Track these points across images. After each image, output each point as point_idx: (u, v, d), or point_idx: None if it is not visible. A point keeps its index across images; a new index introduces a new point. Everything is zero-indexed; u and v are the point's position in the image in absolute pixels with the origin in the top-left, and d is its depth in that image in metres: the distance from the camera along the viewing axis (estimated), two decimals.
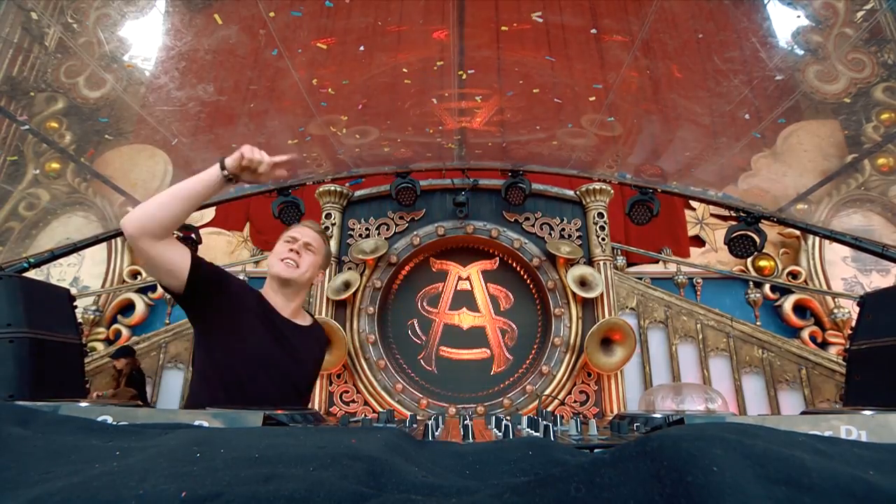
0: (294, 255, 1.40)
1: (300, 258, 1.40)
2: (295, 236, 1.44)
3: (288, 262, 1.39)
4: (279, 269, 1.38)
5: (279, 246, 1.43)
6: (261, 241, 4.32)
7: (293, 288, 1.41)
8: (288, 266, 1.38)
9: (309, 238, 1.44)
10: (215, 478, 0.29)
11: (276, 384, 1.29)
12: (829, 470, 0.24)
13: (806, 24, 1.54)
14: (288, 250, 1.40)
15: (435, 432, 0.62)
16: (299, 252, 1.41)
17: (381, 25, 1.74)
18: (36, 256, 1.94)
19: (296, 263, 1.39)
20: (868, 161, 1.85)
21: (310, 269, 1.43)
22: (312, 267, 1.44)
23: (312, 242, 1.44)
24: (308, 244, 1.43)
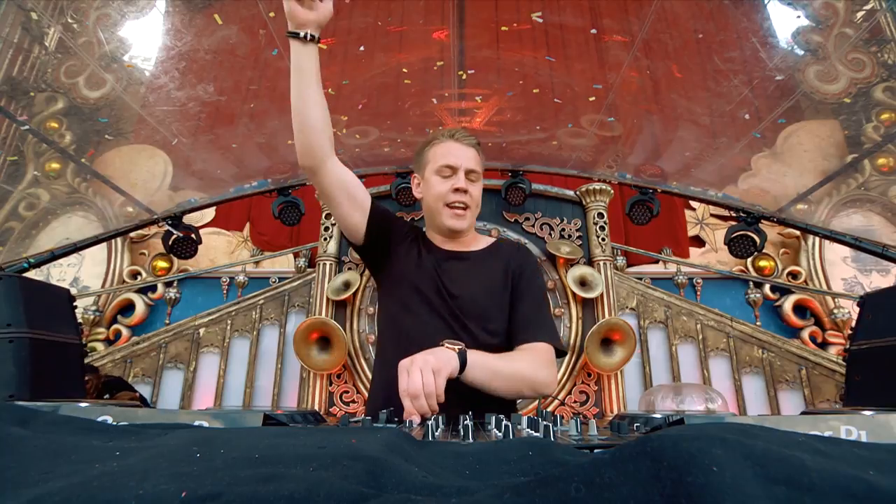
0: (461, 197, 1.19)
1: (468, 197, 1.20)
2: (452, 164, 1.20)
3: (457, 208, 1.19)
4: (450, 223, 1.20)
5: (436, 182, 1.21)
6: (261, 241, 4.31)
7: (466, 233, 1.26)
8: (458, 217, 1.20)
9: (470, 163, 1.22)
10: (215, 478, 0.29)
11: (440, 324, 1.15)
12: (830, 470, 0.24)
13: (806, 24, 1.55)
14: (453, 191, 1.20)
15: (435, 433, 0.62)
16: (466, 189, 1.20)
17: (382, 25, 1.75)
18: (36, 256, 1.94)
19: (464, 205, 1.20)
20: (868, 161, 1.85)
21: (478, 204, 1.25)
22: (480, 198, 1.25)
23: (475, 167, 1.23)
24: (470, 171, 1.22)
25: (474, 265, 1.25)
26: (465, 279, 1.21)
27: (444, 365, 0.90)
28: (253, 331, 3.49)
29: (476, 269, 1.24)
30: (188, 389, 3.37)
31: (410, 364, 0.89)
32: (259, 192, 2.67)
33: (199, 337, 3.47)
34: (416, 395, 0.85)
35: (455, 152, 1.24)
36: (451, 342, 0.99)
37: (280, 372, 3.43)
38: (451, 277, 1.21)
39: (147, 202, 2.30)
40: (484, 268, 1.25)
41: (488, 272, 1.24)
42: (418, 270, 1.22)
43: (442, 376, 0.89)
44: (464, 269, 1.23)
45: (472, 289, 1.21)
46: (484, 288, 1.21)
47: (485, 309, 1.19)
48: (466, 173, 1.22)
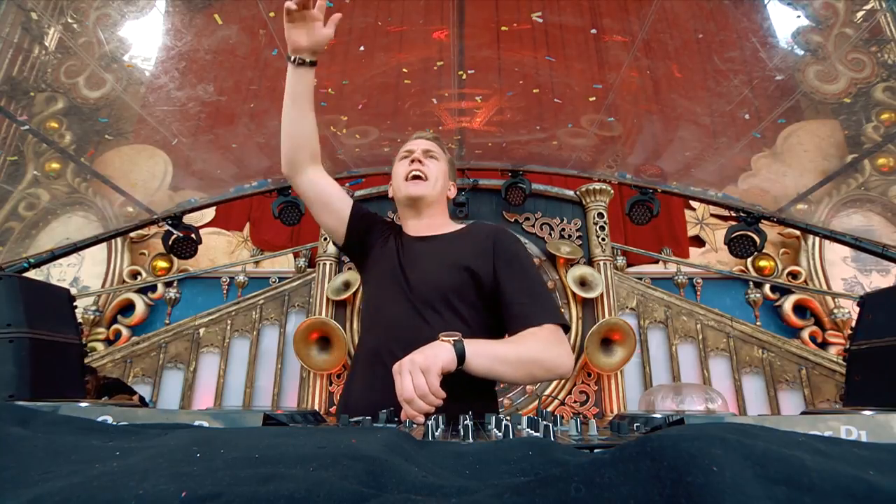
0: (418, 167, 1.25)
1: (425, 167, 1.26)
2: (410, 149, 1.29)
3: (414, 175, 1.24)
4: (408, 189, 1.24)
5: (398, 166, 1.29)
6: (261, 241, 4.31)
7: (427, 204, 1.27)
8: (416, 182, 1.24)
9: (426, 145, 1.29)
10: (215, 478, 0.29)
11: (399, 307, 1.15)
12: (830, 470, 0.24)
13: (806, 24, 1.55)
14: (409, 164, 1.26)
15: (435, 432, 0.62)
16: (422, 161, 1.26)
17: (382, 26, 1.75)
18: (36, 256, 1.94)
19: (423, 175, 1.25)
20: (868, 161, 1.85)
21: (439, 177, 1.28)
22: (441, 174, 1.29)
23: (431, 149, 1.30)
24: (427, 151, 1.29)
25: (439, 246, 1.23)
26: (424, 261, 1.19)
27: (432, 362, 0.88)
28: (253, 331, 3.49)
29: (439, 250, 1.22)
30: (188, 389, 3.37)
31: (400, 368, 0.89)
32: (259, 192, 2.67)
33: (199, 337, 3.47)
34: (410, 398, 0.85)
35: (413, 142, 1.34)
36: (447, 334, 0.97)
37: (280, 372, 3.43)
38: (410, 260, 1.20)
39: (147, 202, 2.30)
40: (449, 248, 1.22)
41: (453, 253, 1.20)
42: (383, 258, 1.24)
43: (432, 374, 0.87)
44: (425, 251, 1.22)
45: (430, 270, 1.17)
46: (446, 269, 1.17)
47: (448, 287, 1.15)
48: (423, 152, 1.29)
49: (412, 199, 1.26)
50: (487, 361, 0.99)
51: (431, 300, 1.14)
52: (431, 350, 0.92)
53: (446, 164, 1.33)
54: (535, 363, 1.05)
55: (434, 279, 1.15)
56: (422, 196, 1.25)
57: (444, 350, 0.93)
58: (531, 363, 1.05)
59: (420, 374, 0.87)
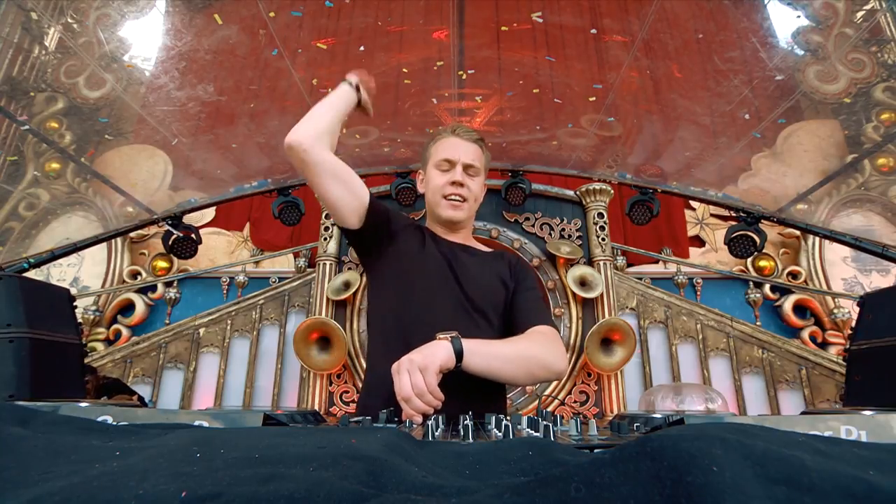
0: (457, 190, 1.21)
1: (465, 190, 1.22)
2: (450, 158, 1.22)
3: (454, 200, 1.22)
4: (447, 213, 1.23)
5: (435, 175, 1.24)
6: (261, 241, 4.32)
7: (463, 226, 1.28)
8: (455, 207, 1.22)
9: (468, 157, 1.23)
10: (215, 478, 0.29)
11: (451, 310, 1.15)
12: (830, 470, 0.24)
13: (806, 24, 1.55)
14: (450, 184, 1.21)
15: (435, 432, 0.62)
16: (462, 182, 1.22)
17: (382, 25, 1.75)
18: (36, 256, 1.94)
19: (461, 198, 1.22)
20: (868, 161, 1.85)
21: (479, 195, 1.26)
22: (481, 191, 1.27)
23: (474, 162, 1.25)
24: (469, 166, 1.24)
25: (483, 262, 1.28)
26: (477, 271, 1.23)
27: (430, 361, 0.89)
28: (253, 331, 3.49)
29: (485, 265, 1.26)
30: (188, 389, 3.37)
31: (398, 367, 0.89)
32: (259, 192, 2.67)
33: (199, 337, 3.47)
34: (408, 397, 0.85)
35: (455, 147, 1.26)
36: (444, 333, 0.97)
37: (280, 372, 3.43)
38: (462, 268, 1.22)
39: (147, 202, 2.30)
40: (492, 266, 1.27)
41: (495, 271, 1.26)
42: (426, 257, 1.21)
43: (430, 372, 0.87)
44: (475, 263, 1.25)
45: (484, 281, 1.22)
46: (497, 284, 1.24)
47: (497, 305, 1.22)
48: (465, 167, 1.24)
49: (451, 222, 1.26)
50: (485, 359, 0.99)
51: (483, 307, 1.18)
52: (429, 349, 0.92)
53: (484, 174, 1.32)
54: (533, 360, 1.06)
55: (486, 291, 1.21)
56: (461, 220, 1.27)
57: (441, 348, 0.93)
58: (529, 360, 1.06)
59: (418, 373, 0.87)
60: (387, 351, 1.13)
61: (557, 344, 1.13)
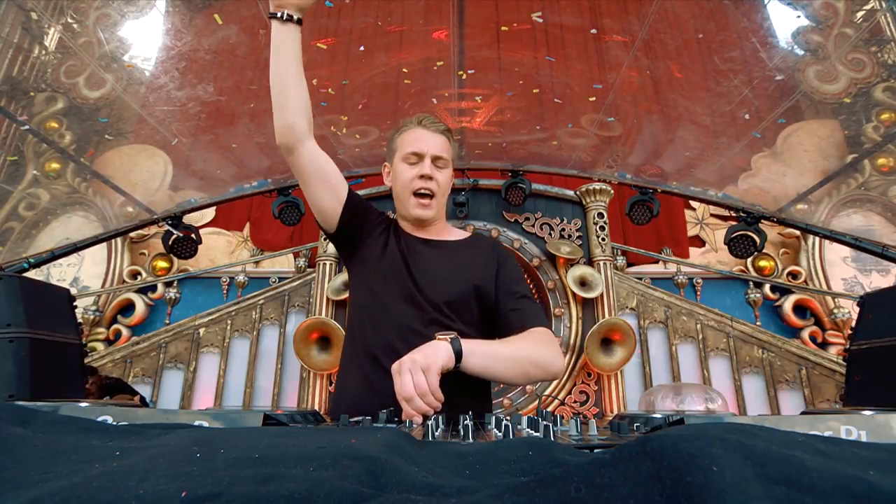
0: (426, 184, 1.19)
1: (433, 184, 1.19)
2: (418, 151, 1.19)
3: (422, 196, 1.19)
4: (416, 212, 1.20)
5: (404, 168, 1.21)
6: (261, 241, 4.32)
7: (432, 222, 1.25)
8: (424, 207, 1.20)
9: (436, 149, 1.20)
10: (215, 478, 0.29)
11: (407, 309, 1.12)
12: (830, 470, 0.24)
13: (806, 24, 1.55)
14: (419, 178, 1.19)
15: (435, 432, 0.62)
16: (431, 176, 1.19)
17: (382, 25, 1.75)
18: (36, 256, 1.94)
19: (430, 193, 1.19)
20: (868, 161, 1.85)
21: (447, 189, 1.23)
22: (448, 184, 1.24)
23: (442, 153, 1.21)
24: (437, 157, 1.20)
25: (448, 253, 1.23)
26: (435, 266, 1.19)
27: (432, 361, 0.88)
28: (253, 331, 3.49)
29: (449, 257, 1.22)
30: (188, 389, 3.37)
31: (399, 367, 0.88)
32: (259, 192, 2.67)
33: (199, 337, 3.47)
34: (410, 397, 0.85)
35: (422, 139, 1.22)
36: (443, 333, 0.97)
37: (280, 372, 3.43)
38: (418, 263, 1.19)
39: (147, 202, 2.30)
40: (458, 257, 1.23)
41: (463, 261, 1.21)
42: (385, 256, 1.20)
43: (432, 373, 0.87)
44: (434, 256, 1.21)
45: (442, 275, 1.18)
46: (458, 275, 1.18)
47: (458, 297, 1.16)
48: (433, 160, 1.20)
49: (420, 220, 1.24)
50: (483, 360, 0.99)
51: (440, 307, 1.14)
52: (431, 349, 0.92)
53: (452, 166, 1.28)
54: (530, 361, 1.06)
55: (445, 288, 1.16)
56: (430, 218, 1.24)
57: (442, 349, 0.93)
58: (525, 361, 1.06)
59: (420, 373, 0.86)
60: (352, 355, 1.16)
61: (553, 345, 1.13)
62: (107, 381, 3.09)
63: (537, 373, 1.08)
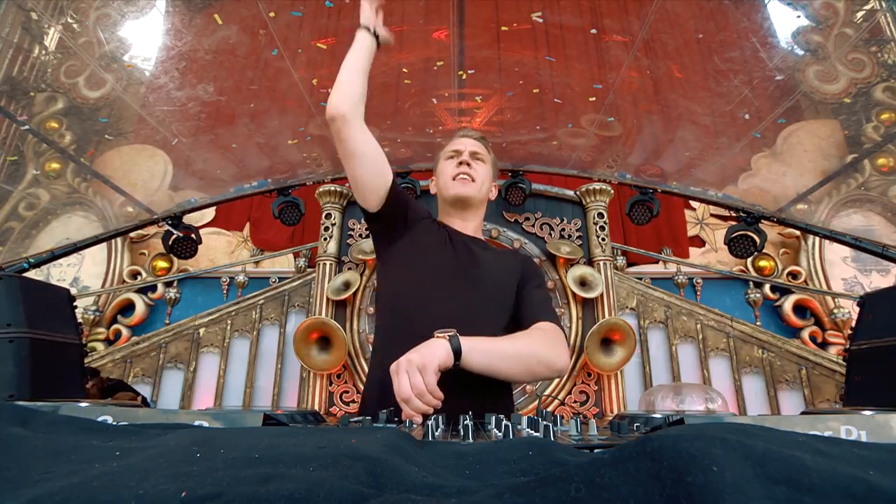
0: (466, 169, 1.26)
1: (472, 170, 1.27)
2: (458, 149, 1.30)
3: (462, 177, 1.25)
4: (457, 189, 1.25)
5: (445, 165, 1.30)
6: (261, 241, 4.32)
7: (473, 207, 1.29)
8: (464, 182, 1.25)
9: (473, 146, 1.30)
10: (215, 478, 0.29)
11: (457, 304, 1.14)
12: (830, 470, 0.24)
13: (806, 25, 1.54)
14: (457, 165, 1.27)
15: (435, 432, 0.62)
16: (469, 163, 1.27)
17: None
18: (36, 256, 1.94)
19: (471, 177, 1.26)
20: (868, 161, 1.85)
21: (486, 180, 1.30)
22: (488, 178, 1.31)
23: (479, 150, 1.31)
24: (475, 153, 1.30)
25: (497, 258, 1.29)
26: (491, 268, 1.24)
27: (429, 360, 0.87)
28: (253, 331, 3.50)
29: (499, 262, 1.28)
30: (188, 389, 3.37)
31: (397, 367, 0.88)
32: (259, 192, 2.67)
33: (199, 337, 3.47)
34: (407, 398, 0.84)
35: (460, 141, 1.35)
36: (442, 331, 0.96)
37: (280, 372, 3.43)
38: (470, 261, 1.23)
39: (147, 202, 2.30)
40: (507, 263, 1.29)
41: (507, 268, 1.27)
42: (433, 246, 1.23)
43: (429, 372, 0.86)
44: (489, 259, 1.26)
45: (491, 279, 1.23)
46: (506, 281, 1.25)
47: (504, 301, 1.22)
48: (471, 154, 1.30)
49: (460, 199, 1.27)
50: (485, 357, 0.98)
51: (488, 305, 1.18)
52: (427, 348, 0.92)
53: (491, 167, 1.35)
54: (533, 357, 1.06)
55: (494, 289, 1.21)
56: (470, 196, 1.27)
57: (439, 347, 0.93)
58: (529, 357, 1.05)
59: (417, 373, 0.86)
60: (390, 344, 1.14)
61: (560, 341, 1.12)
62: (108, 383, 3.09)
63: (542, 370, 1.08)
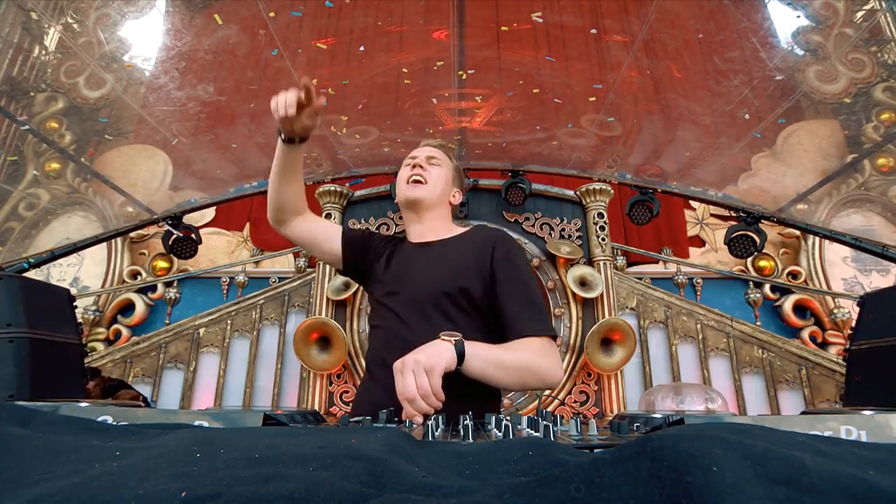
0: (419, 171, 1.30)
1: (425, 171, 1.31)
2: (414, 155, 1.35)
3: (415, 179, 1.29)
4: (406, 192, 1.29)
5: (402, 172, 1.35)
6: (261, 241, 4.31)
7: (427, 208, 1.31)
8: (415, 186, 1.29)
9: (430, 152, 1.35)
10: (215, 478, 0.29)
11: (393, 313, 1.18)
12: (830, 470, 0.24)
13: (806, 24, 1.54)
14: (410, 169, 1.31)
15: (435, 432, 0.62)
16: (423, 166, 1.31)
17: (382, 25, 1.74)
18: (36, 256, 1.94)
19: (423, 179, 1.29)
20: (868, 161, 1.85)
21: (439, 182, 1.32)
22: (441, 180, 1.33)
23: (435, 155, 1.35)
24: (431, 157, 1.34)
25: (437, 251, 1.24)
26: (422, 266, 1.21)
27: (435, 362, 0.88)
28: (253, 331, 3.49)
29: (438, 255, 1.23)
30: (188, 389, 3.37)
31: (402, 366, 0.87)
32: (259, 192, 2.67)
33: (199, 337, 3.47)
34: (412, 397, 0.84)
35: (419, 149, 1.40)
36: (447, 334, 0.97)
37: (280, 372, 3.43)
38: (408, 266, 1.24)
39: (147, 202, 2.30)
40: (448, 252, 1.23)
41: (452, 257, 1.21)
42: (386, 270, 1.30)
43: (435, 374, 0.86)
44: (423, 256, 1.24)
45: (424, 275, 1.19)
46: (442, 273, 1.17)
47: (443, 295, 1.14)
48: (426, 158, 1.35)
49: (410, 202, 1.31)
50: (484, 365, 0.99)
51: (423, 304, 1.15)
52: (434, 349, 0.92)
53: (450, 171, 1.37)
54: (529, 371, 1.07)
55: (427, 284, 1.17)
56: (419, 199, 1.29)
57: (446, 350, 0.93)
58: (525, 370, 1.06)
59: (423, 374, 0.86)
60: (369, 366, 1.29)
61: (554, 355, 1.13)
62: (110, 383, 3.09)
63: (535, 382, 1.09)
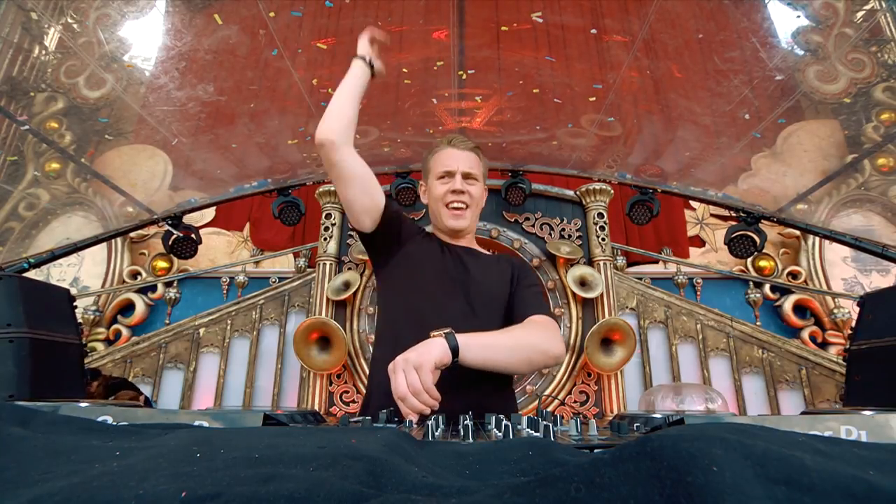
0: (458, 198, 1.27)
1: (466, 196, 1.28)
2: (449, 169, 1.28)
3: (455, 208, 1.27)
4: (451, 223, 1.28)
5: (437, 185, 1.30)
6: (261, 241, 4.32)
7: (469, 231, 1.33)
8: (457, 217, 1.27)
9: (466, 165, 1.29)
10: (215, 478, 0.29)
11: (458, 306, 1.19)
12: (830, 470, 0.24)
13: (806, 24, 1.54)
14: (451, 192, 1.27)
15: (435, 432, 0.62)
16: (463, 190, 1.27)
17: (382, 26, 1.74)
18: (36, 256, 1.94)
19: (465, 205, 1.28)
20: (868, 161, 1.85)
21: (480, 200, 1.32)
22: (481, 197, 1.33)
23: (472, 170, 1.30)
24: (468, 174, 1.29)
25: (488, 264, 1.33)
26: (482, 274, 1.28)
27: (425, 359, 0.88)
28: (253, 331, 3.49)
29: (490, 268, 1.31)
30: (188, 389, 3.37)
31: (394, 366, 0.89)
32: (259, 192, 2.67)
33: (199, 337, 3.47)
34: (404, 396, 0.85)
35: (452, 157, 1.32)
36: (437, 330, 0.97)
37: (280, 372, 3.43)
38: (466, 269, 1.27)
39: (147, 202, 2.30)
40: (496, 268, 1.32)
41: (499, 273, 1.31)
42: (434, 262, 1.27)
43: (425, 371, 0.87)
44: (479, 266, 1.30)
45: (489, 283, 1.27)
46: (497, 287, 1.28)
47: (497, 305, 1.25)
48: (463, 176, 1.30)
49: (455, 231, 1.31)
50: (483, 351, 0.99)
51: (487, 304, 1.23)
52: (423, 347, 0.93)
53: (483, 182, 1.37)
54: (530, 346, 1.08)
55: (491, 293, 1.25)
56: (464, 228, 1.31)
57: (435, 345, 0.93)
58: (526, 346, 1.07)
59: (413, 372, 0.87)
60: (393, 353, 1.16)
61: (553, 329, 1.16)
62: (112, 381, 3.09)
63: (539, 358, 1.10)
